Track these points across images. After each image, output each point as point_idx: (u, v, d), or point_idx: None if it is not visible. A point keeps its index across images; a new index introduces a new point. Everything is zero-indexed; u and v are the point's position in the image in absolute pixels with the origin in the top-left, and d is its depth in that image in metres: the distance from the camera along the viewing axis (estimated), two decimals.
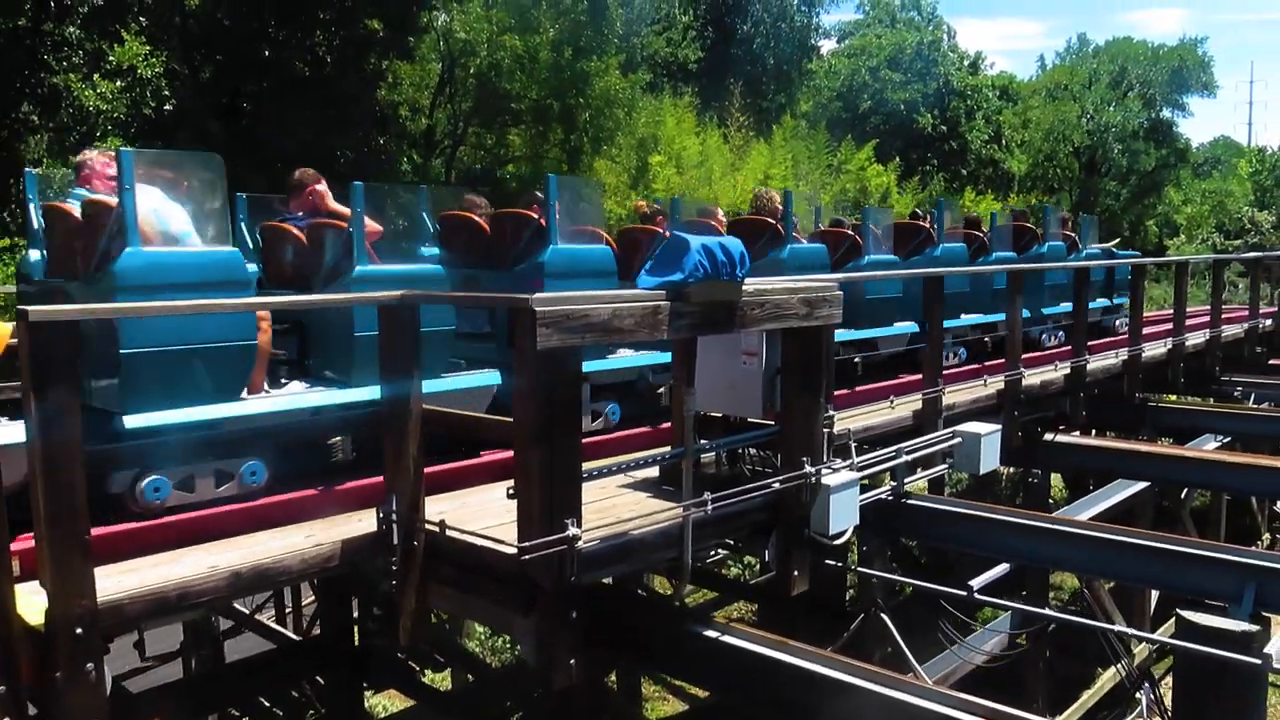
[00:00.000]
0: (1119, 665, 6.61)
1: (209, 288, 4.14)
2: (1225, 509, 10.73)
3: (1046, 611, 5.70)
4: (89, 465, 3.10)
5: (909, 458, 5.76)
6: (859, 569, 5.82)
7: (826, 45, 35.20)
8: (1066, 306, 10.08)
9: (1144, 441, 8.68)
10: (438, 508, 4.14)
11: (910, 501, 5.85)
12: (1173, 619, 9.90)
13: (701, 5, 29.16)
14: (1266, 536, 11.73)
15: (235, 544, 3.86)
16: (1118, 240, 15.70)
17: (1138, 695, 5.55)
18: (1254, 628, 4.35)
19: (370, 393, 4.51)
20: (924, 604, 7.24)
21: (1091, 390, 8.49)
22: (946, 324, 7.03)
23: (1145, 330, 9.44)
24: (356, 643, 6.88)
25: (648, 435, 5.74)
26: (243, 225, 6.04)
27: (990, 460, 6.14)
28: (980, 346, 9.04)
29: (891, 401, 6.65)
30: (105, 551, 3.47)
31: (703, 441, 4.30)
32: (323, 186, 5.57)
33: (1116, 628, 6.04)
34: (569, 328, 3.25)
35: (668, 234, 4.52)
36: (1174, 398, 10.19)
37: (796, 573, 4.37)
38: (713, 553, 6.07)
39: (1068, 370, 8.04)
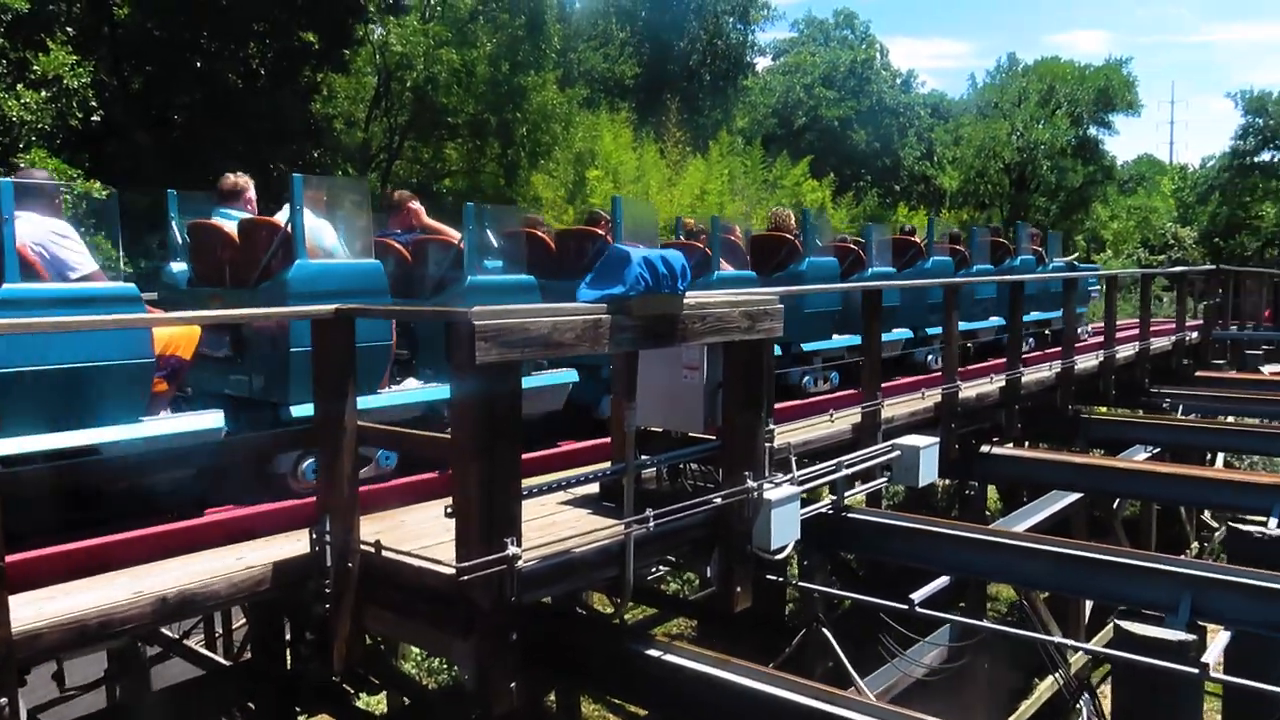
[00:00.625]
0: (1057, 675, 6.69)
1: (357, 294, 4.65)
2: (1155, 518, 10.99)
3: (986, 624, 5.75)
4: (258, 449, 4.33)
5: (849, 471, 5.79)
6: (801, 584, 5.81)
7: (762, 62, 35.69)
8: (1036, 315, 10.70)
9: (1077, 453, 8.86)
10: (373, 527, 4.02)
11: (851, 515, 5.87)
12: (1107, 628, 10.10)
13: (638, 22, 29.34)
14: (1195, 545, 12.04)
15: (164, 567, 3.70)
16: (1076, 255, 16.19)
17: (1078, 705, 5.62)
18: (1191, 637, 4.44)
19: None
20: (864, 618, 7.26)
21: (1026, 403, 8.64)
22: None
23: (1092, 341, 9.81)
24: (289, 666, 6.67)
25: (586, 451, 5.67)
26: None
27: (929, 473, 6.20)
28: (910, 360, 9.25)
29: (831, 415, 6.67)
30: (23, 577, 3.30)
31: (644, 457, 4.24)
32: (417, 204, 6.17)
33: (1057, 639, 6.12)
34: (508, 341, 3.17)
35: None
36: (1104, 410, 10.43)
37: (739, 589, 4.32)
38: (653, 569, 6.01)
39: (1003, 383, 8.18)
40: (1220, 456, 12.41)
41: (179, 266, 5.70)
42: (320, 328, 3.57)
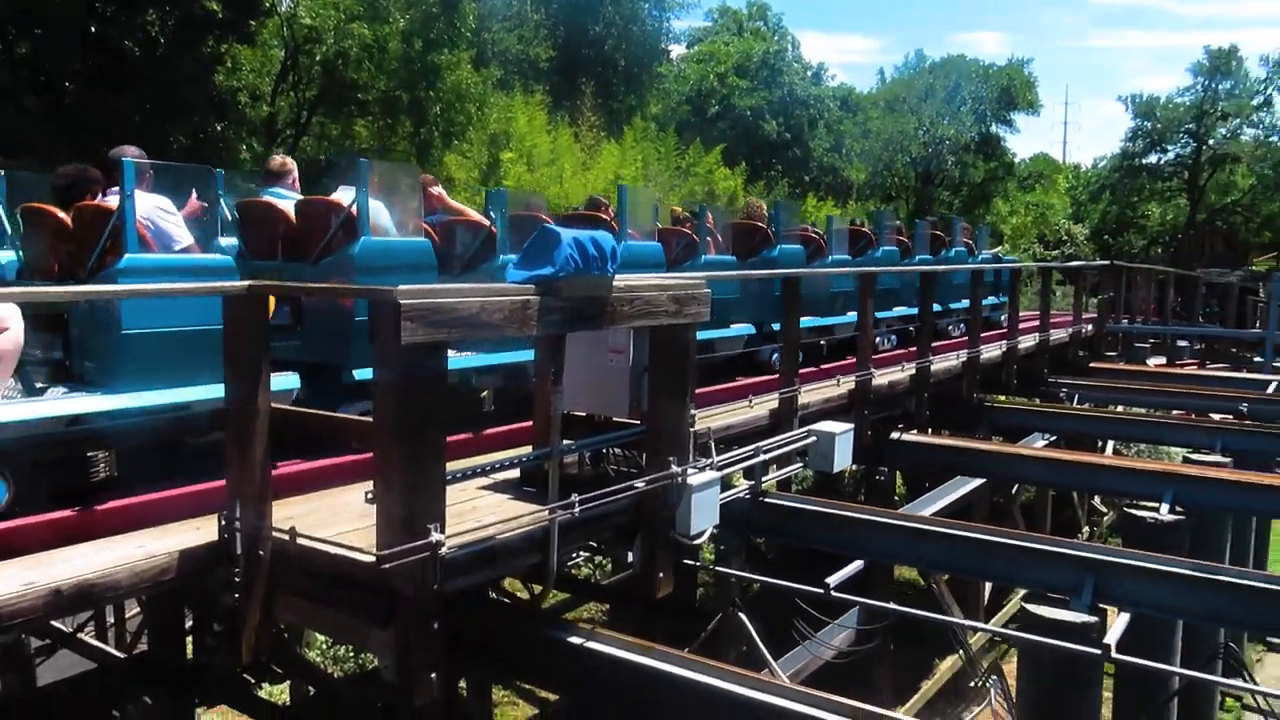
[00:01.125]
0: (960, 655, 6.90)
1: (411, 269, 5.19)
2: (1050, 503, 11.43)
3: (894, 606, 5.87)
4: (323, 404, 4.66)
5: (767, 456, 5.83)
6: (718, 568, 5.84)
7: (676, 50, 35.73)
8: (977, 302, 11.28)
9: (980, 440, 9.13)
10: (285, 513, 3.88)
11: (767, 500, 5.92)
12: (1006, 607, 10.46)
13: (553, 4, 29.02)
14: (1086, 529, 12.58)
15: (62, 555, 3.49)
16: (1000, 248, 16.86)
17: (986, 685, 5.81)
18: (1093, 619, 4.59)
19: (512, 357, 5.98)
20: (774, 601, 7.36)
21: (934, 390, 8.86)
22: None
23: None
24: (189, 658, 6.40)
25: (504, 435, 5.57)
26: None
27: (843, 458, 6.30)
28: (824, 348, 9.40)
29: (750, 400, 6.71)
30: None
31: (569, 442, 4.18)
32: (439, 189, 6.59)
33: (967, 622, 6.29)
34: (435, 322, 3.08)
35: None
36: (1004, 398, 10.78)
37: (662, 574, 4.31)
38: (572, 555, 5.97)
39: (913, 371, 8.36)
40: (1110, 444, 12.99)
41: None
42: (235, 304, 3.40)
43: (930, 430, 9.18)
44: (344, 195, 5.48)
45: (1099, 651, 4.39)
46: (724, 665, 3.81)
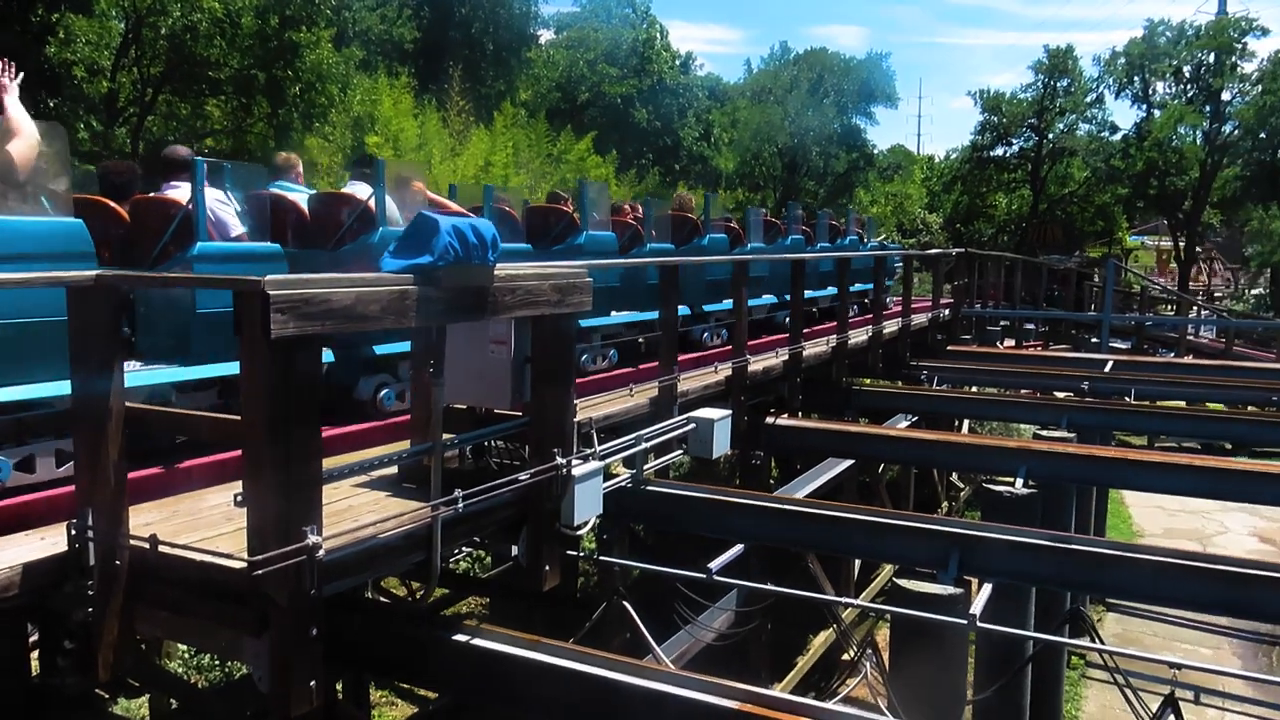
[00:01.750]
0: (836, 629, 7.12)
1: None
2: (913, 481, 11.91)
3: (772, 587, 5.99)
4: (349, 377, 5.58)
5: (648, 445, 5.85)
6: (601, 558, 5.83)
7: (545, 35, 35.37)
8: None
9: (848, 422, 9.43)
10: (143, 519, 3.64)
11: (649, 489, 5.94)
12: (875, 581, 10.82)
13: None
14: (945, 504, 13.18)
15: None
16: (884, 236, 17.59)
17: (860, 659, 6.01)
18: (959, 591, 4.80)
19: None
20: (653, 587, 7.41)
21: (805, 375, 9.08)
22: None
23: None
24: (35, 678, 5.95)
25: (386, 429, 5.40)
26: None
27: (722, 444, 6.38)
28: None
29: (631, 389, 6.71)
30: None
31: (450, 436, 4.07)
32: (421, 183, 6.80)
33: (843, 599, 6.48)
34: (307, 314, 2.92)
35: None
36: (870, 381, 11.15)
37: (548, 567, 4.26)
38: (455, 551, 5.84)
39: (786, 357, 8.54)
40: (966, 423, 13.65)
41: None
42: (80, 296, 3.15)
43: (802, 414, 9.42)
44: (356, 189, 6.18)
45: (965, 621, 4.60)
46: (608, 654, 3.80)
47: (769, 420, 8.24)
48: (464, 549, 5.22)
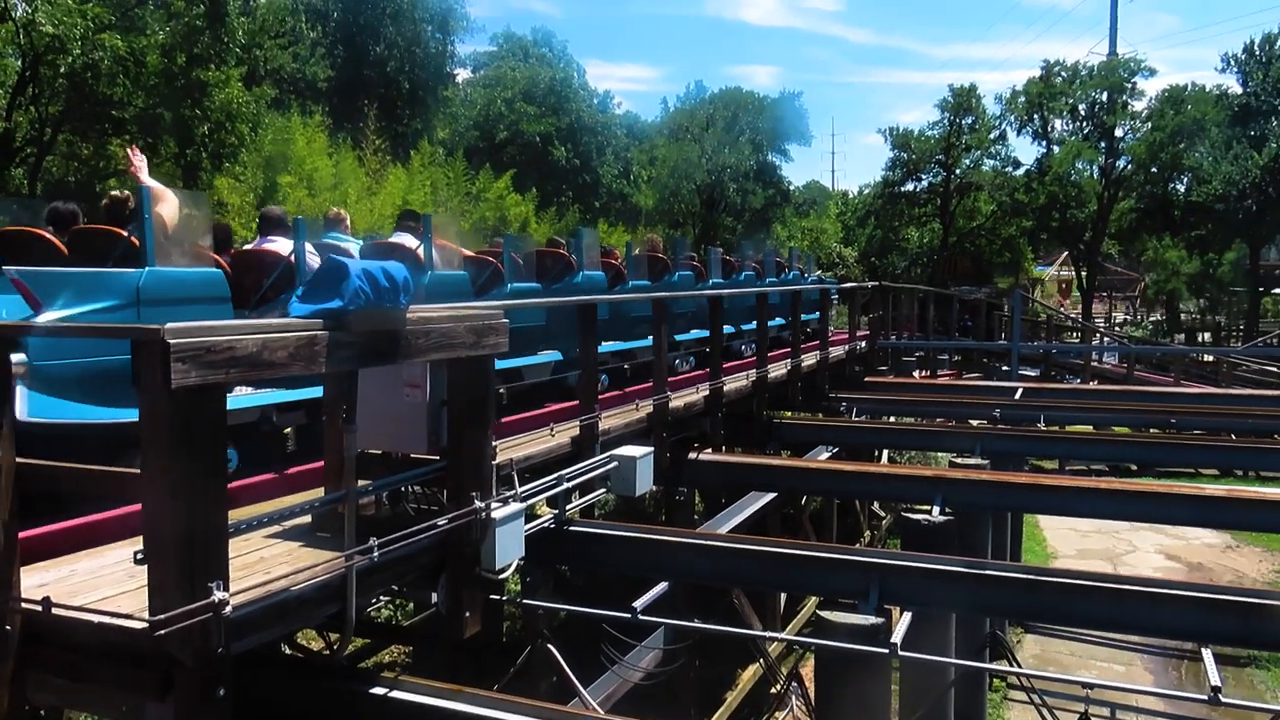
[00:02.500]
0: (762, 664, 7.12)
1: (455, 297, 6.33)
2: (835, 511, 12.04)
3: (698, 624, 5.98)
4: None
5: (570, 484, 5.80)
6: (525, 601, 5.74)
7: (462, 74, 35.36)
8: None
9: (770, 455, 9.50)
10: (37, 579, 3.47)
11: (572, 529, 5.89)
12: (801, 612, 10.86)
13: (331, 23, 28.03)
14: (868, 534, 13.35)
15: None
16: (821, 271, 18.16)
17: (786, 691, 6.02)
18: (879, 620, 4.85)
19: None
20: (581, 628, 7.33)
21: (727, 410, 9.14)
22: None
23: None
24: None
25: (276, 482, 5.23)
26: None
27: (645, 482, 6.37)
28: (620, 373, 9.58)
29: (552, 429, 6.66)
30: None
31: (365, 482, 3.98)
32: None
33: (767, 633, 6.49)
34: (210, 362, 2.83)
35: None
36: (791, 414, 11.28)
37: (469, 614, 4.17)
38: (373, 600, 5.69)
39: (707, 392, 8.59)
40: (886, 453, 13.89)
41: None
42: None
43: (725, 448, 9.47)
44: (403, 239, 7.11)
45: (886, 650, 4.65)
46: (533, 701, 3.74)
47: (692, 456, 8.26)
48: (382, 597, 5.10)
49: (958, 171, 39.29)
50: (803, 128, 39.31)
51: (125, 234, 5.21)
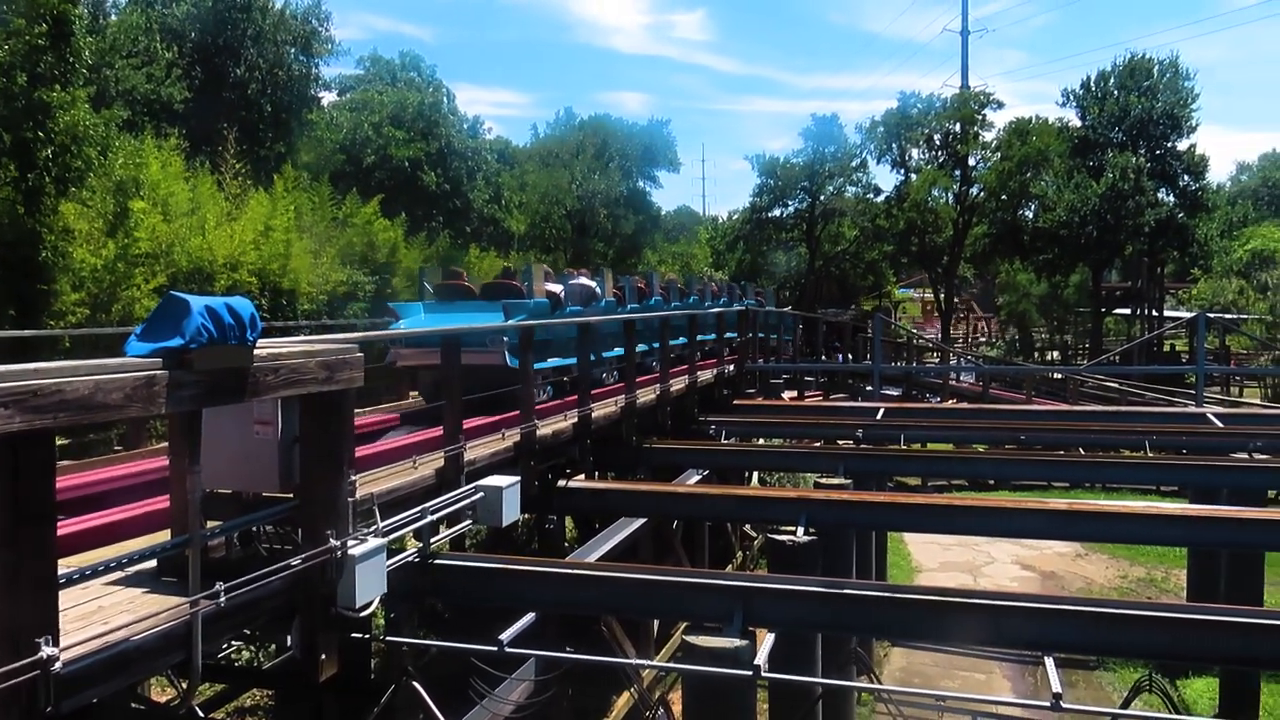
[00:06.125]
0: (632, 691, 7.16)
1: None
2: (707, 533, 12.22)
3: (568, 654, 5.98)
4: None
5: (435, 517, 5.73)
6: (389, 638, 5.62)
7: (328, 97, 34.56)
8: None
9: (641, 481, 9.60)
10: None
11: (438, 562, 5.81)
12: (674, 636, 10.95)
13: (188, 43, 26.99)
14: (740, 554, 13.59)
15: None
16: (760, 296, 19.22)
17: (656, 718, 6.05)
18: (744, 643, 4.95)
19: None
20: (453, 663, 7.22)
21: (596, 436, 9.19)
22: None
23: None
24: None
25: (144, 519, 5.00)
26: None
27: (511, 511, 6.33)
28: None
29: (415, 461, 6.57)
30: None
31: (212, 524, 3.84)
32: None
33: (634, 661, 6.52)
34: (36, 406, 2.71)
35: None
36: (659, 439, 11.41)
37: (324, 656, 4.07)
38: (225, 645, 5.47)
39: (575, 419, 8.62)
40: (755, 474, 14.20)
41: None
42: None
43: (595, 475, 9.51)
44: (554, 287, 10.54)
45: (750, 673, 4.75)
46: None
47: (562, 483, 8.27)
48: (234, 642, 4.91)
49: (822, 198, 40.71)
50: (671, 154, 40.02)
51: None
